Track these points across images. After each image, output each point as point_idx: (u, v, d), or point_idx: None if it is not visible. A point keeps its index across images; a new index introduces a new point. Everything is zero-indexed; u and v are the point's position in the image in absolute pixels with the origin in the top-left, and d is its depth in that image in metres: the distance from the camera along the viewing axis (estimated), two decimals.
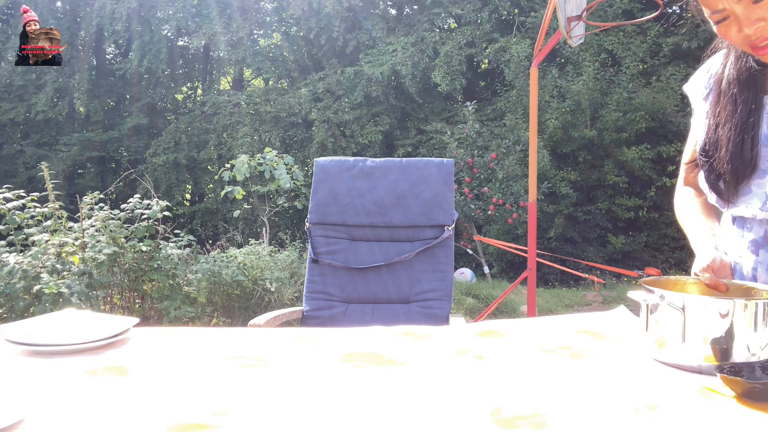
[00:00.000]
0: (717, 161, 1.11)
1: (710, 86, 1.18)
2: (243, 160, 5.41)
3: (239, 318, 4.27)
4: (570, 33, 3.58)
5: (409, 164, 2.26)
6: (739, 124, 1.08)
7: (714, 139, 1.12)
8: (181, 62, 11.97)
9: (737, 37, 1.00)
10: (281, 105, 9.53)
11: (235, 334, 1.21)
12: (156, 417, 0.76)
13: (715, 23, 1.02)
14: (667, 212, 8.28)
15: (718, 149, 1.10)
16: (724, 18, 0.99)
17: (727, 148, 1.08)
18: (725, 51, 1.15)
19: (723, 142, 1.09)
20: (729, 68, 1.12)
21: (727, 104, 1.11)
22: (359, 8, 10.15)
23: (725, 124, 1.10)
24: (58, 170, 9.39)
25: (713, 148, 1.12)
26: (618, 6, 8.68)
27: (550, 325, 1.26)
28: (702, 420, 0.75)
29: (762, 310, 0.91)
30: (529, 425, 0.73)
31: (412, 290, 2.15)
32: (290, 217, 9.11)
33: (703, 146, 1.15)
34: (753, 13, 0.96)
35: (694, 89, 1.24)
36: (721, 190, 1.13)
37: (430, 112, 9.70)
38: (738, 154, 1.07)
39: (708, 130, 1.14)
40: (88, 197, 3.71)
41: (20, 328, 1.12)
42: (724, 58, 1.15)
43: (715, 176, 1.12)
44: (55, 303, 3.02)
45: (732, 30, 1.00)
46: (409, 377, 0.92)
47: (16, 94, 10.49)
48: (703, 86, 1.21)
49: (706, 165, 1.14)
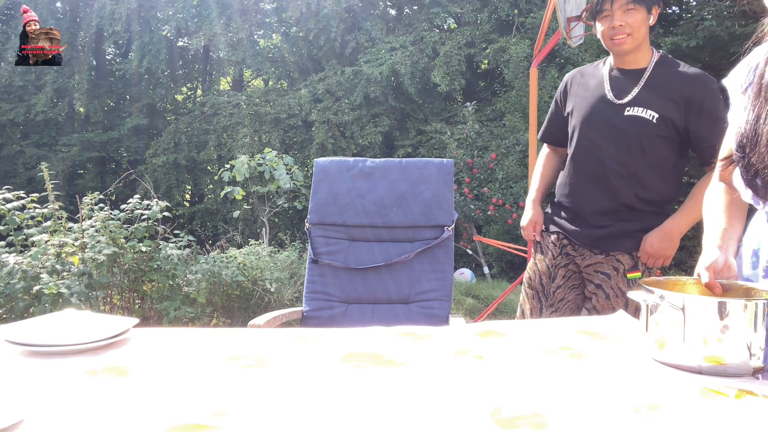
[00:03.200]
0: (756, 157, 1.04)
1: (750, 80, 1.12)
2: (243, 161, 5.41)
3: (239, 318, 4.27)
4: (570, 33, 3.58)
5: (409, 164, 2.26)
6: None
7: (752, 133, 1.05)
8: (180, 63, 11.97)
9: None
10: (281, 106, 9.53)
11: (235, 334, 1.21)
12: (156, 417, 0.76)
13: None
14: None
15: (757, 144, 1.04)
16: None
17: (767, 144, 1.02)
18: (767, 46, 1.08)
19: (763, 137, 1.03)
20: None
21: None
22: (358, 8, 10.16)
23: (766, 118, 1.03)
24: (58, 171, 9.38)
25: (752, 144, 1.05)
26: None
27: (550, 325, 1.26)
28: (702, 420, 0.75)
29: (762, 310, 0.91)
30: (529, 425, 0.73)
31: (411, 290, 2.15)
32: (290, 217, 9.11)
33: (739, 141, 1.08)
34: None
35: (733, 83, 1.19)
36: (757, 187, 1.06)
37: (430, 113, 9.70)
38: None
39: (746, 125, 1.08)
40: (88, 198, 3.71)
41: (20, 329, 1.12)
42: (767, 50, 1.08)
43: (753, 173, 1.05)
44: (55, 303, 3.02)
45: None
46: (409, 377, 0.92)
47: (16, 95, 10.48)
48: (743, 79, 1.16)
49: (742, 161, 1.08)
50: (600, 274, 1.87)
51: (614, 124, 1.79)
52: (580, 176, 1.90)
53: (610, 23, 1.72)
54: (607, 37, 1.75)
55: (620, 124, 1.78)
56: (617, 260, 1.85)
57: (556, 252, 1.95)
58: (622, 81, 1.81)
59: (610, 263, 1.86)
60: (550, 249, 1.97)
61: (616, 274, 1.85)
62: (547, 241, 1.99)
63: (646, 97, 1.77)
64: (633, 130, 1.76)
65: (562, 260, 1.94)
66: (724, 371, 0.92)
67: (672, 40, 8.50)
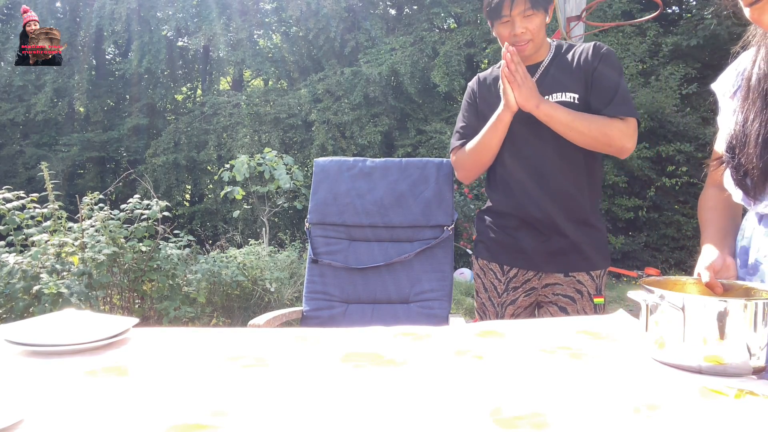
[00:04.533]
0: (745, 157, 1.06)
1: (738, 83, 1.14)
2: (243, 161, 5.41)
3: (239, 318, 4.27)
4: (569, 33, 3.59)
5: (409, 164, 2.26)
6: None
7: (741, 135, 1.08)
8: (180, 63, 11.97)
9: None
10: (281, 106, 9.53)
11: (235, 334, 1.21)
12: (156, 417, 0.76)
13: (748, 5, 0.98)
14: (666, 212, 8.28)
15: (746, 145, 1.06)
16: (757, 0, 0.96)
17: (756, 144, 1.04)
18: (755, 48, 1.11)
19: (752, 138, 1.05)
20: (759, 64, 1.08)
21: (757, 99, 1.06)
22: (358, 8, 10.15)
23: (754, 120, 1.06)
24: (58, 170, 9.38)
25: (740, 145, 1.08)
26: (617, 6, 8.68)
27: (550, 325, 1.26)
28: (702, 420, 0.75)
29: (762, 310, 0.91)
30: (529, 425, 0.73)
31: (411, 290, 2.15)
32: (290, 217, 9.11)
33: (729, 142, 1.11)
34: None
35: (721, 87, 1.21)
36: (747, 187, 1.08)
37: (430, 113, 9.69)
38: (767, 150, 1.03)
39: (735, 127, 1.10)
40: (88, 197, 3.72)
41: (20, 329, 1.12)
42: (754, 54, 1.11)
43: (743, 173, 1.08)
44: (55, 303, 3.02)
45: (764, 14, 0.96)
46: (409, 377, 0.92)
47: (16, 95, 10.48)
48: (731, 84, 1.17)
49: (732, 162, 1.10)
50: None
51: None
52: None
53: (512, 30, 1.68)
54: (508, 42, 1.70)
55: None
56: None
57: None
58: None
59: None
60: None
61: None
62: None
63: (555, 83, 1.72)
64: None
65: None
66: (724, 371, 0.92)
67: (672, 40, 8.50)
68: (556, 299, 1.81)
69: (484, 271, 1.89)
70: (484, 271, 1.89)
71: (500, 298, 1.85)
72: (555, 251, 1.77)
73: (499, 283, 1.85)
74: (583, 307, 1.79)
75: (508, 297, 1.84)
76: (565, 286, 1.79)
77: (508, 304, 1.84)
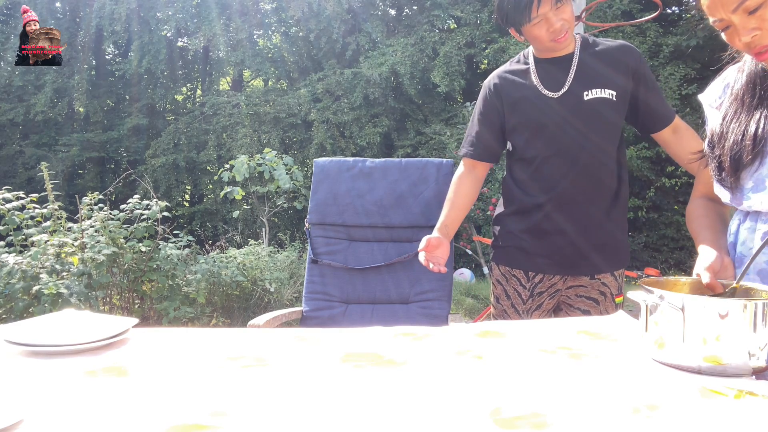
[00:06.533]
0: (721, 151, 1.13)
1: (725, 94, 1.20)
2: (242, 161, 5.41)
3: (239, 318, 4.27)
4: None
5: (409, 165, 2.26)
6: (746, 117, 1.11)
7: (719, 132, 1.15)
8: (180, 63, 11.96)
9: (739, 44, 1.05)
10: (280, 106, 9.52)
11: (235, 334, 1.21)
12: (156, 417, 0.76)
13: (721, 30, 1.06)
14: (666, 212, 8.28)
15: (722, 140, 1.14)
16: (726, 27, 1.05)
17: (732, 140, 1.11)
18: (741, 63, 1.17)
19: (729, 136, 1.12)
20: (743, 75, 1.15)
21: (736, 103, 1.14)
22: (359, 9, 10.15)
23: (732, 119, 1.13)
24: (58, 171, 9.38)
25: (718, 140, 1.14)
26: (617, 7, 8.67)
27: (549, 325, 1.26)
28: (702, 420, 0.75)
29: (761, 310, 0.91)
30: (529, 425, 0.73)
31: (411, 290, 2.15)
32: (290, 217, 9.10)
33: (709, 139, 1.17)
34: (748, 23, 1.01)
35: (708, 98, 1.25)
36: (725, 181, 1.14)
37: (430, 113, 9.68)
38: (740, 142, 1.10)
39: (715, 125, 1.17)
40: (88, 198, 3.72)
41: (20, 329, 1.12)
42: (741, 65, 1.17)
43: (719, 167, 1.14)
44: (55, 303, 3.02)
45: (734, 38, 1.05)
46: (408, 377, 0.92)
47: (16, 95, 10.47)
48: (717, 96, 1.22)
49: (711, 156, 1.16)
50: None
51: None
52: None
53: (549, 27, 1.60)
54: (547, 40, 1.64)
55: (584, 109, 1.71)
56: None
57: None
58: (554, 71, 1.72)
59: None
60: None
61: None
62: None
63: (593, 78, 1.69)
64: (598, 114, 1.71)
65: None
66: (723, 371, 0.92)
67: (672, 40, 8.49)
68: (579, 302, 1.77)
69: (506, 278, 1.82)
70: (507, 278, 1.82)
71: (525, 305, 1.79)
72: (582, 253, 1.72)
73: (524, 290, 1.79)
74: (606, 308, 1.76)
75: (533, 303, 1.78)
76: (589, 288, 1.76)
77: (533, 311, 1.79)
